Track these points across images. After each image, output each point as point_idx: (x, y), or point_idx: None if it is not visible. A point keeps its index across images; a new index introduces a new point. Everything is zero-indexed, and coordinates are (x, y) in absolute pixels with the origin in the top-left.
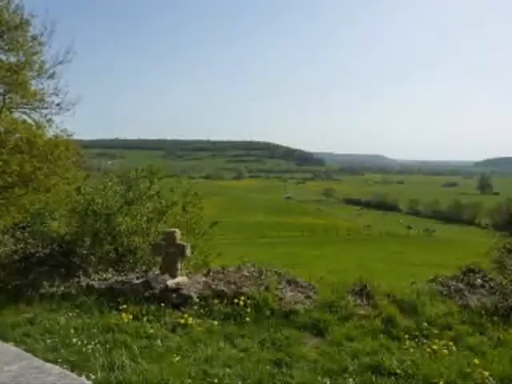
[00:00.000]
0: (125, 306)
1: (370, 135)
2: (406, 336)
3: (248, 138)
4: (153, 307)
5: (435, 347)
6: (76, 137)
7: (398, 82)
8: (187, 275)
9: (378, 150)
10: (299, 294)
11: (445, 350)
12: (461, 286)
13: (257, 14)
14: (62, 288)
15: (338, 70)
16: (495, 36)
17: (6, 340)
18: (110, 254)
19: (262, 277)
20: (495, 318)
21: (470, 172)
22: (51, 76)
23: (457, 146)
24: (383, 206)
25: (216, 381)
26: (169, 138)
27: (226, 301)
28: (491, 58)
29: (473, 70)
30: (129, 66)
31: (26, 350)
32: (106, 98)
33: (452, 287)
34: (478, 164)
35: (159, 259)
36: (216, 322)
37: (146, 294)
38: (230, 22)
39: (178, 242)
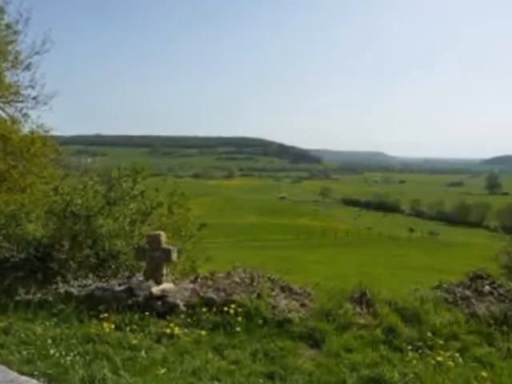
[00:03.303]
0: (106, 315)
1: (370, 131)
2: (409, 347)
3: (239, 134)
4: (136, 316)
5: (440, 359)
6: (54, 133)
7: (399, 75)
8: (173, 281)
9: (378, 146)
10: (294, 301)
11: (450, 362)
12: (467, 293)
13: (247, 5)
14: (39, 295)
15: (336, 63)
16: (500, 26)
17: None
18: (91, 259)
19: (254, 283)
20: (505, 328)
21: (476, 170)
22: (27, 67)
23: (462, 143)
24: (384, 206)
25: None
26: (154, 133)
27: (215, 309)
28: (498, 49)
29: (479, 61)
30: (112, 57)
31: (0, 362)
32: (86, 91)
33: (458, 294)
34: (485, 162)
35: (143, 264)
36: (204, 332)
37: (129, 301)
38: (220, 14)
39: (164, 245)
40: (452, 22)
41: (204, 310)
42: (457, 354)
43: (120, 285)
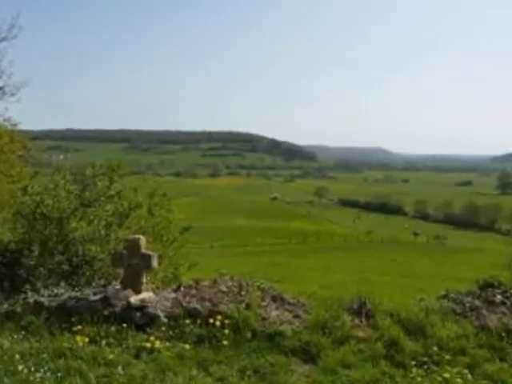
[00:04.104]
0: (80, 327)
1: (370, 125)
2: (413, 362)
3: (226, 129)
4: (113, 328)
5: (447, 375)
6: (22, 127)
7: (402, 63)
8: (154, 290)
9: (380, 142)
10: (286, 312)
11: (458, 379)
12: (477, 303)
13: None
14: (6, 306)
15: (333, 50)
16: None
17: None
18: (63, 266)
19: (243, 292)
20: None
21: (487, 168)
22: None
23: (472, 138)
24: (385, 208)
25: None
26: (132, 128)
27: (199, 321)
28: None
29: (490, 50)
30: (86, 44)
31: None
32: (58, 82)
33: (467, 305)
34: (496, 159)
35: (120, 271)
36: (188, 346)
37: (105, 312)
38: None
39: (143, 251)
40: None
41: (187, 321)
42: (465, 371)
43: (95, 294)
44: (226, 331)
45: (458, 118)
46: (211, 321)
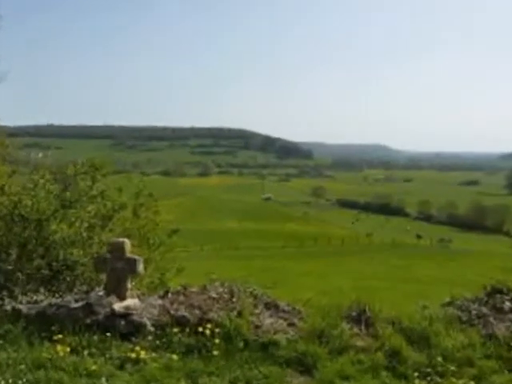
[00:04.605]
0: (60, 336)
1: (370, 121)
2: (416, 374)
3: (217, 125)
4: (96, 337)
5: None
6: None
7: (403, 55)
8: (139, 297)
9: (380, 139)
10: (281, 320)
11: None
12: (485, 310)
13: None
14: None
15: (329, 41)
16: None
17: None
18: (42, 271)
19: (234, 299)
20: None
21: (494, 166)
22: None
23: (478, 134)
24: (386, 209)
25: None
26: (117, 123)
27: (188, 329)
28: None
29: (496, 40)
30: (67, 36)
31: None
32: (37, 74)
33: (473, 312)
34: (504, 157)
35: (104, 277)
36: (176, 357)
37: (87, 320)
38: None
39: (128, 255)
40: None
41: (175, 330)
42: (472, 382)
43: (76, 301)
44: (217, 340)
45: (464, 113)
46: (201, 329)
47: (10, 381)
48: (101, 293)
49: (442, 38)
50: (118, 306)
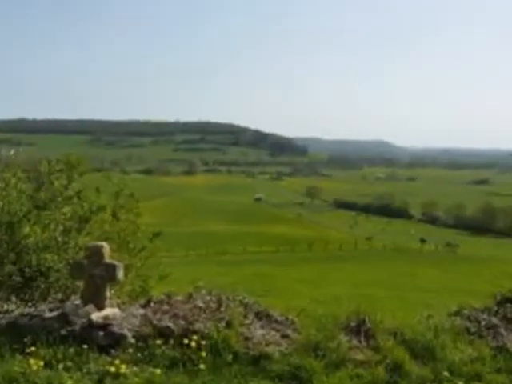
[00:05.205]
0: (33, 349)
1: (370, 114)
2: None
3: (204, 119)
4: (72, 350)
5: None
6: None
7: (409, 42)
8: (119, 306)
9: (381, 134)
10: (273, 331)
11: None
12: (495, 321)
13: None
14: None
15: (327, 27)
16: None
17: None
18: (14, 278)
19: (222, 308)
20: None
21: (506, 164)
22: None
23: (488, 129)
24: (388, 210)
25: None
26: (95, 118)
27: (172, 341)
28: None
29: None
30: (37, 22)
31: None
32: (6, 64)
33: (483, 323)
34: None
35: (80, 284)
36: (158, 371)
37: (63, 331)
38: None
39: (107, 260)
40: None
41: (158, 342)
42: None
43: (51, 310)
44: (203, 353)
45: (474, 106)
46: (186, 341)
47: None
48: (77, 302)
49: (449, 21)
50: (95, 316)
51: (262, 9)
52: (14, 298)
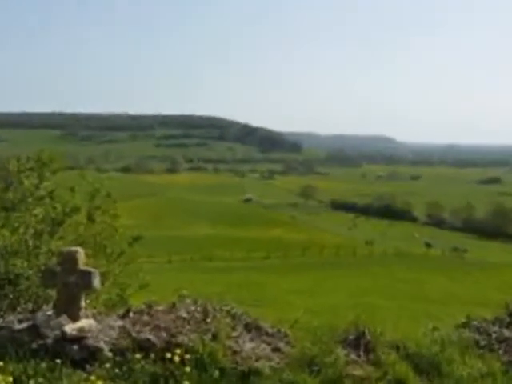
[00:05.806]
0: (1, 364)
1: (371, 108)
2: None
3: (188, 112)
4: (43, 365)
5: None
6: None
7: (408, 35)
8: (95, 317)
9: (382, 129)
10: (264, 344)
11: None
12: (507, 333)
13: None
14: None
15: (321, 13)
16: None
17: None
18: None
19: (208, 319)
20: None
21: None
22: None
23: (498, 123)
24: (389, 212)
25: None
26: (69, 111)
27: (153, 355)
28: None
29: None
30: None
31: None
32: None
33: (493, 335)
34: None
35: (53, 293)
36: None
37: (34, 345)
38: None
39: (82, 267)
40: None
41: (138, 356)
42: None
43: (20, 322)
44: (187, 368)
45: (482, 99)
46: (168, 355)
47: None
48: (49, 312)
49: (451, 16)
50: (69, 328)
51: None
52: None
